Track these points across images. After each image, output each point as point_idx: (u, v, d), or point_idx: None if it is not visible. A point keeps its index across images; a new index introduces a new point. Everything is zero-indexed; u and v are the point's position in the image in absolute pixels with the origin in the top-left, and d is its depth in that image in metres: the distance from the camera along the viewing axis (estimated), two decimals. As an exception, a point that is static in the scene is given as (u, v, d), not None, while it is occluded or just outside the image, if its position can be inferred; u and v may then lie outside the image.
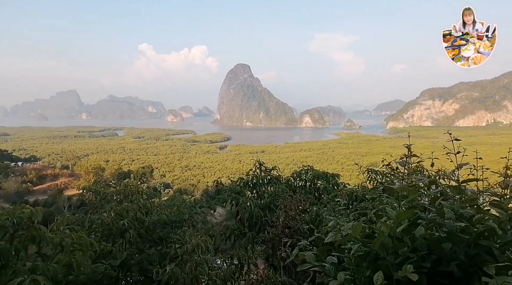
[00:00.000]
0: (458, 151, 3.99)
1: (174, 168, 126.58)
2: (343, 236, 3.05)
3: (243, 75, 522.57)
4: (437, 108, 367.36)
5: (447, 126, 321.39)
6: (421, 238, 2.71)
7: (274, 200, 7.48)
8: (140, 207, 5.77)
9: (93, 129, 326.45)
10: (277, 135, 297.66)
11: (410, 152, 4.33)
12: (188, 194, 79.30)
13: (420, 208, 3.32)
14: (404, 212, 3.02)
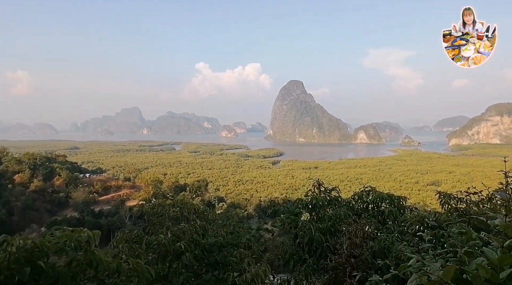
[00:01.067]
0: None
1: (227, 182, 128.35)
2: (431, 280, 2.53)
3: (296, 91, 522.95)
4: (506, 125, 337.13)
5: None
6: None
7: (335, 224, 6.96)
8: (197, 228, 5.61)
9: (153, 144, 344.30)
10: (330, 151, 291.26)
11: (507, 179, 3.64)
12: (241, 208, 79.60)
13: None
14: (507, 256, 2.45)
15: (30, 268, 2.85)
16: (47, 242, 3.03)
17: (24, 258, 2.84)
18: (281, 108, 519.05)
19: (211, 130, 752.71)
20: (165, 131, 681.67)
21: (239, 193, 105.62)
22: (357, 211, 8.41)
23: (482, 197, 6.81)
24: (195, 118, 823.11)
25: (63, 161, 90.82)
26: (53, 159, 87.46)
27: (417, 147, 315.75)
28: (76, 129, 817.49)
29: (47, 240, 3.06)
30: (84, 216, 59.43)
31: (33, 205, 64.31)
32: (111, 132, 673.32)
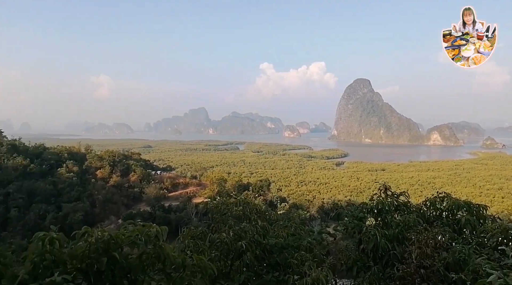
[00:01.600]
0: None
1: (290, 182, 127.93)
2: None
3: (362, 90, 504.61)
4: None
5: None
6: None
7: (403, 231, 6.55)
8: (258, 228, 5.68)
9: (218, 143, 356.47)
10: (399, 152, 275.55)
11: None
12: (304, 209, 78.83)
13: None
14: None
15: (106, 258, 3.15)
16: (121, 235, 3.31)
17: (101, 248, 3.13)
18: (346, 108, 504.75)
19: (274, 130, 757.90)
20: (230, 131, 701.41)
21: (301, 194, 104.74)
22: (429, 218, 7.82)
23: None
24: (259, 118, 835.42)
25: (138, 158, 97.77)
26: (129, 156, 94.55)
27: (502, 150, 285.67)
28: (149, 129, 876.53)
29: (121, 233, 3.34)
30: (155, 211, 63.52)
31: (112, 198, 70.36)
32: (180, 132, 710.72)
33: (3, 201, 60.83)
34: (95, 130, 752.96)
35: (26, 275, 2.86)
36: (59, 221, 54.82)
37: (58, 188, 67.45)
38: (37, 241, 3.03)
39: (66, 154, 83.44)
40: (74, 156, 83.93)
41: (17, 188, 63.48)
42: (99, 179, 76.81)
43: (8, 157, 73.13)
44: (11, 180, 66.44)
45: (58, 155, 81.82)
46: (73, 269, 3.10)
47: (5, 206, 59.96)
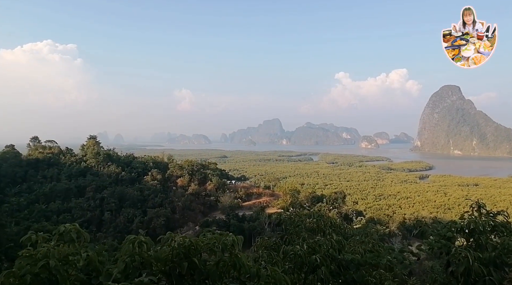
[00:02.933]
0: None
1: (367, 195, 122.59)
2: None
3: (450, 97, 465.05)
4: None
5: None
6: None
7: (502, 255, 5.79)
8: (333, 242, 5.52)
9: (291, 154, 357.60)
10: (497, 166, 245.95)
11: None
12: (382, 224, 74.69)
13: None
14: None
15: (187, 263, 3.36)
16: (200, 241, 3.53)
17: (183, 253, 3.37)
18: (431, 117, 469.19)
19: (350, 141, 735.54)
20: (304, 142, 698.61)
21: (379, 208, 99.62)
22: (534, 242, 6.79)
23: None
24: (334, 128, 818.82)
25: (214, 168, 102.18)
26: (206, 166, 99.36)
27: None
28: (225, 139, 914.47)
29: (200, 240, 3.56)
30: (230, 219, 65.44)
31: (190, 205, 74.37)
32: (254, 142, 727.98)
33: (99, 205, 68.35)
34: (176, 141, 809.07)
35: (119, 274, 3.19)
36: (144, 224, 59.76)
37: (144, 194, 73.70)
38: (129, 243, 3.37)
39: (151, 163, 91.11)
40: (158, 165, 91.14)
41: (110, 193, 70.86)
42: (179, 187, 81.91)
43: (104, 165, 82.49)
44: (105, 185, 74.60)
45: (145, 164, 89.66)
46: (158, 271, 3.38)
47: (100, 209, 67.29)
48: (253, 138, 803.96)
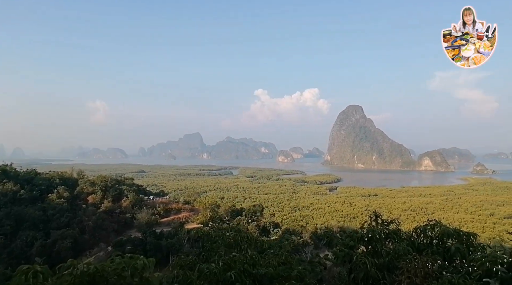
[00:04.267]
0: None
1: (283, 207, 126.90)
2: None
3: (355, 116, 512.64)
4: None
5: None
6: None
7: (394, 260, 6.51)
8: (248, 258, 5.62)
9: (212, 168, 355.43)
10: (391, 178, 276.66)
11: None
12: (297, 234, 77.82)
13: None
14: None
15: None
16: (107, 267, 3.28)
17: (87, 282, 3.09)
18: (339, 134, 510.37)
19: (268, 155, 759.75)
20: (224, 156, 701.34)
21: (294, 219, 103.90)
22: (419, 246, 7.79)
23: None
24: (253, 143, 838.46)
25: (131, 183, 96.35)
26: (122, 182, 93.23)
27: (492, 176, 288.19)
28: (144, 154, 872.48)
29: (107, 265, 3.31)
30: (146, 237, 61.97)
31: (103, 224, 68.64)
32: (174, 156, 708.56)
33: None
34: (89, 156, 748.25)
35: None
36: (47, 248, 53.15)
37: (47, 214, 65.76)
38: (21, 274, 2.98)
39: (58, 179, 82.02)
40: (66, 181, 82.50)
41: (5, 214, 61.85)
42: (90, 205, 75.23)
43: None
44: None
45: (50, 180, 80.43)
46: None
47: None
48: (173, 152, 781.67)
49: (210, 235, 8.23)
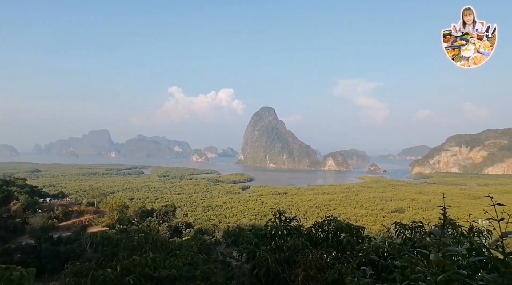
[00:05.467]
0: (501, 218, 3.50)
1: (196, 207, 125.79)
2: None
3: (267, 117, 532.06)
4: (464, 155, 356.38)
5: (475, 173, 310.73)
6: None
7: (293, 254, 6.95)
8: (149, 261, 5.43)
9: (120, 167, 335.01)
10: (300, 177, 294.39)
11: (446, 217, 3.87)
12: (209, 234, 77.87)
13: (459, 280, 2.85)
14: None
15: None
16: (-24, 281, 2.87)
17: None
18: (252, 134, 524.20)
19: (182, 154, 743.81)
20: (135, 155, 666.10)
21: (207, 219, 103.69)
22: (316, 240, 8.46)
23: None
24: (166, 142, 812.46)
25: (22, 184, 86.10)
26: (12, 182, 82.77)
27: (382, 174, 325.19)
28: (39, 151, 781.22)
29: (-24, 278, 2.89)
30: (40, 243, 55.65)
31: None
32: (77, 154, 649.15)
33: None
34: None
35: None
36: None
37: None
38: None
39: None
40: None
41: None
42: (-32, 209, 65.16)
43: None
44: None
45: None
46: None
47: None
48: (76, 150, 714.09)
49: (112, 238, 7.75)
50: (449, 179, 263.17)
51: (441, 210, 3.64)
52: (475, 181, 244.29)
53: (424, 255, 3.36)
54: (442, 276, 2.73)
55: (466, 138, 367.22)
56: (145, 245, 7.40)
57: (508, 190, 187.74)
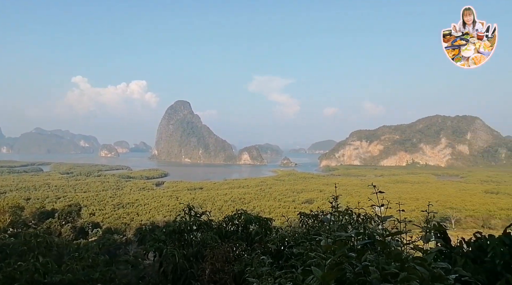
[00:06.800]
0: (382, 204, 3.97)
1: (105, 205, 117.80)
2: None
3: (183, 111, 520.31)
4: (364, 149, 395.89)
5: (373, 165, 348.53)
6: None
7: (202, 248, 6.93)
8: (38, 266, 4.89)
9: (13, 164, 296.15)
10: (216, 172, 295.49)
11: (337, 203, 4.27)
12: (120, 233, 73.98)
13: (349, 261, 3.14)
14: (329, 273, 2.80)
15: None
16: None
17: None
18: (167, 128, 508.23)
19: (89, 149, 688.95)
20: (31, 150, 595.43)
21: (118, 217, 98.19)
22: (226, 233, 8.59)
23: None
24: (70, 136, 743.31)
25: None
26: None
27: (294, 168, 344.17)
28: None
29: None
30: None
31: None
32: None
33: None
34: None
35: None
36: None
37: None
38: None
39: None
40: None
41: None
42: None
43: None
44: None
45: None
46: None
47: None
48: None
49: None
50: (352, 171, 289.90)
51: (332, 198, 4.02)
52: (373, 172, 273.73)
53: (318, 242, 3.62)
54: (331, 259, 2.96)
55: (366, 134, 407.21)
56: (37, 249, 6.66)
57: (399, 179, 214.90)
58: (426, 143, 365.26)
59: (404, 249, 3.46)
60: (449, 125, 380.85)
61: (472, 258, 3.97)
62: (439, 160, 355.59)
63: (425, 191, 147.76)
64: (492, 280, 3.46)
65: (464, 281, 3.20)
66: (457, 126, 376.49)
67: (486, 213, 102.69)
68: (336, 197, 4.13)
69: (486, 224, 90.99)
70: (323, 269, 2.84)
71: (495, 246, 3.70)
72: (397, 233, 3.88)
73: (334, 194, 4.13)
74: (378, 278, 2.80)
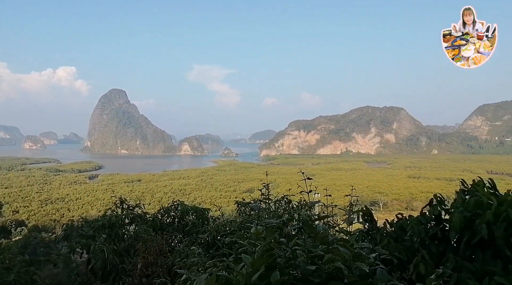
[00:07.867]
0: (310, 190, 4.14)
1: (31, 202, 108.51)
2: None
3: (118, 101, 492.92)
4: (302, 138, 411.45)
5: (310, 154, 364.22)
6: (277, 283, 2.55)
7: (134, 242, 6.66)
8: None
9: None
10: (155, 163, 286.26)
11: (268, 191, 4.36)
12: (48, 231, 69.32)
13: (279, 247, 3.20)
14: (260, 259, 2.83)
15: None
16: None
17: None
18: (101, 118, 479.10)
19: (10, 141, 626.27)
20: None
21: (46, 214, 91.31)
22: (162, 225, 8.36)
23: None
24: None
25: None
26: None
27: (235, 158, 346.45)
28: None
29: None
30: None
31: None
32: None
33: None
34: None
35: None
36: None
37: None
38: None
39: None
40: None
41: None
42: None
43: None
44: None
45: None
46: None
47: None
48: None
49: None
50: (291, 160, 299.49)
51: (263, 186, 4.10)
52: (311, 161, 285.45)
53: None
54: (261, 245, 3.00)
55: (303, 124, 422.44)
56: None
57: (334, 167, 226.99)
58: (358, 132, 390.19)
59: (331, 232, 3.65)
60: (378, 115, 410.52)
61: (394, 237, 4.32)
62: (369, 148, 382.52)
63: (357, 178, 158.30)
64: (410, 257, 3.78)
65: (388, 259, 3.47)
66: (384, 116, 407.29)
67: (409, 196, 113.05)
68: (267, 185, 4.20)
69: (409, 206, 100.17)
70: (253, 256, 2.87)
71: (413, 225, 4.04)
72: (324, 217, 4.08)
73: (265, 182, 4.19)
74: (305, 260, 2.90)
